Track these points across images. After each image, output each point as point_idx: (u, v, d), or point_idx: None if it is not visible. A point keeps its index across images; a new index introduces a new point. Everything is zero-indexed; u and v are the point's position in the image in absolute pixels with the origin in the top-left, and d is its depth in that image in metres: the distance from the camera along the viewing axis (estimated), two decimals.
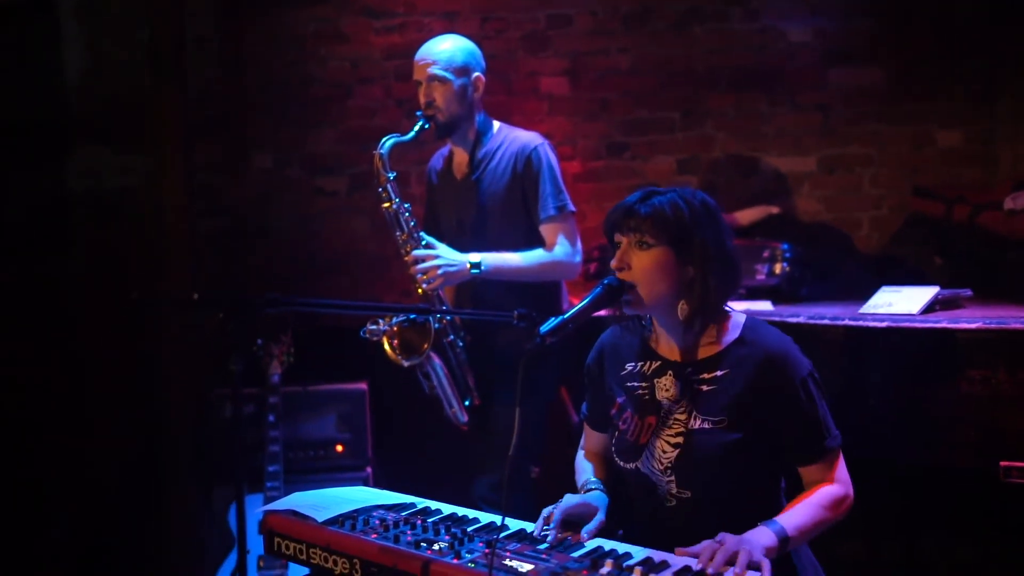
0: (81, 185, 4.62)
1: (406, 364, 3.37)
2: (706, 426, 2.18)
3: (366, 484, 3.96)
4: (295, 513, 2.25)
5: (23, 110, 4.57)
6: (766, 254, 3.88)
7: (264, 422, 3.87)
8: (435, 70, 3.32)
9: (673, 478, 2.21)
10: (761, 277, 3.84)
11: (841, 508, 2.17)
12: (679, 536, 2.03)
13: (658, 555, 1.97)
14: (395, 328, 3.35)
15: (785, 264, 3.85)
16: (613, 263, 2.22)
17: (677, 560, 1.95)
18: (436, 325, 3.34)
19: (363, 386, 4.14)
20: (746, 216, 4.39)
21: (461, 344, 3.41)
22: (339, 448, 4.10)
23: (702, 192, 2.26)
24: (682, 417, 2.22)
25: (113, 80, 4.61)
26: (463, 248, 3.34)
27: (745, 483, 2.19)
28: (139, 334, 4.44)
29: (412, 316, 3.30)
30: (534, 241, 3.38)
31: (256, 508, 3.67)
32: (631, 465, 2.28)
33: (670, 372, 2.27)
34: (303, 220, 4.75)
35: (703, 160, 4.80)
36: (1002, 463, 2.68)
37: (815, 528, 2.12)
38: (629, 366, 2.36)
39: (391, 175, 3.33)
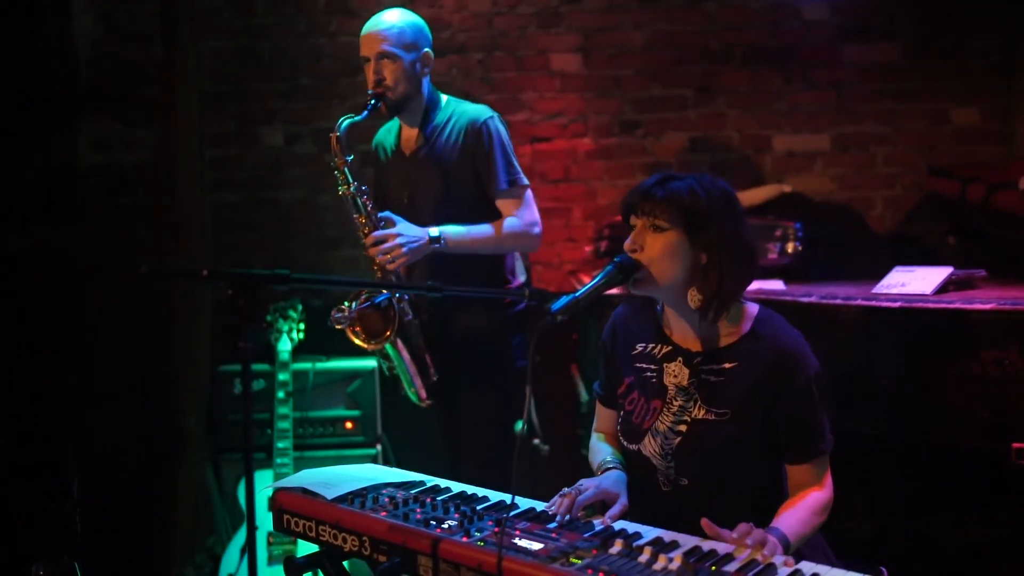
0: (92, 157, 4.63)
1: (371, 348, 3.25)
2: (710, 417, 2.20)
3: (375, 462, 3.97)
4: (305, 491, 2.25)
5: (34, 80, 4.57)
6: (778, 233, 3.87)
7: (273, 398, 3.88)
8: (385, 47, 3.16)
9: (673, 464, 2.22)
10: (773, 256, 3.82)
11: (827, 513, 2.20)
12: (674, 520, 2.06)
13: (668, 535, 1.98)
14: (356, 314, 3.21)
15: (797, 243, 3.83)
16: (627, 244, 2.21)
17: (687, 540, 1.95)
18: (397, 307, 3.21)
19: (373, 362, 4.14)
20: (758, 195, 4.36)
21: (417, 321, 3.30)
22: (348, 425, 4.10)
23: (722, 180, 2.25)
24: (688, 405, 2.23)
25: (124, 51, 4.61)
26: (416, 224, 3.21)
27: (742, 476, 2.21)
28: (149, 307, 4.45)
29: (376, 300, 3.18)
30: (488, 215, 3.28)
31: (265, 484, 3.69)
32: (634, 447, 2.29)
33: (680, 359, 2.27)
34: (313, 195, 4.74)
35: (715, 138, 4.76)
36: (1015, 444, 2.67)
37: (809, 535, 2.15)
38: (640, 346, 2.36)
39: (349, 157, 3.18)
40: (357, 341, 3.25)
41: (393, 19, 3.22)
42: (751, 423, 2.17)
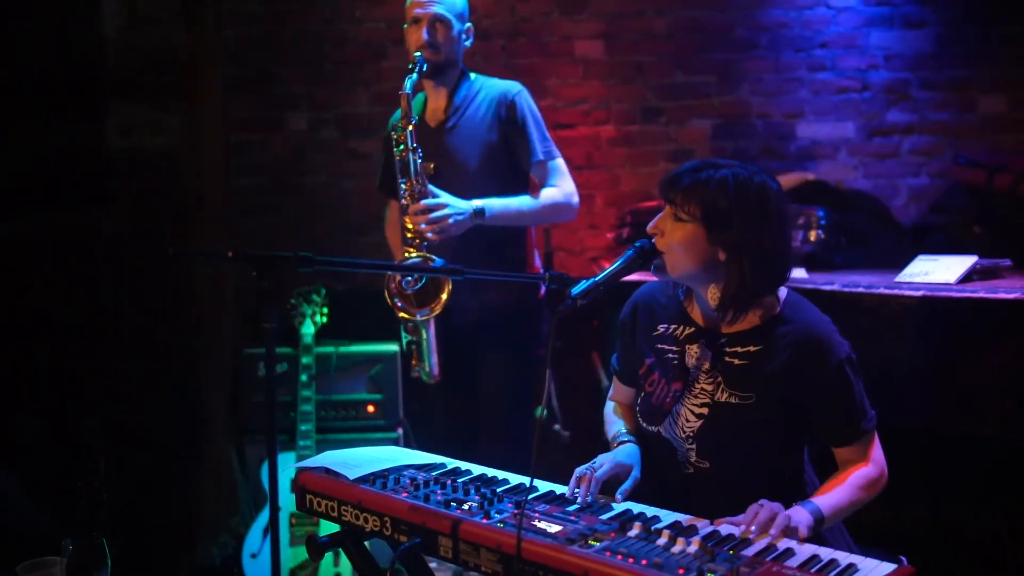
0: (118, 141, 4.66)
1: (420, 317, 3.17)
2: (733, 400, 2.18)
3: (396, 445, 3.99)
4: (327, 471, 2.27)
5: (61, 65, 4.60)
6: (801, 220, 3.85)
7: (296, 381, 3.91)
8: (440, 10, 3.19)
9: (694, 447, 2.21)
10: (796, 244, 3.81)
11: (876, 488, 2.17)
12: (694, 503, 2.04)
13: (686, 519, 1.98)
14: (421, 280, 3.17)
15: (820, 231, 3.81)
16: (649, 226, 2.20)
17: (706, 524, 1.96)
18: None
19: (395, 347, 4.16)
20: (782, 183, 4.35)
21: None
22: (370, 408, 4.13)
23: (767, 177, 2.19)
24: (709, 387, 2.21)
25: (149, 36, 4.63)
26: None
27: (765, 459, 2.19)
28: (174, 289, 4.49)
29: (435, 263, 3.11)
30: (515, 187, 3.29)
31: (288, 466, 3.73)
32: (654, 428, 2.28)
33: (703, 340, 2.25)
34: (336, 180, 4.76)
35: (739, 125, 4.75)
36: None
37: (850, 508, 2.13)
38: (662, 327, 2.34)
39: (415, 119, 3.15)
40: (405, 313, 3.18)
41: None
42: (776, 408, 2.15)
